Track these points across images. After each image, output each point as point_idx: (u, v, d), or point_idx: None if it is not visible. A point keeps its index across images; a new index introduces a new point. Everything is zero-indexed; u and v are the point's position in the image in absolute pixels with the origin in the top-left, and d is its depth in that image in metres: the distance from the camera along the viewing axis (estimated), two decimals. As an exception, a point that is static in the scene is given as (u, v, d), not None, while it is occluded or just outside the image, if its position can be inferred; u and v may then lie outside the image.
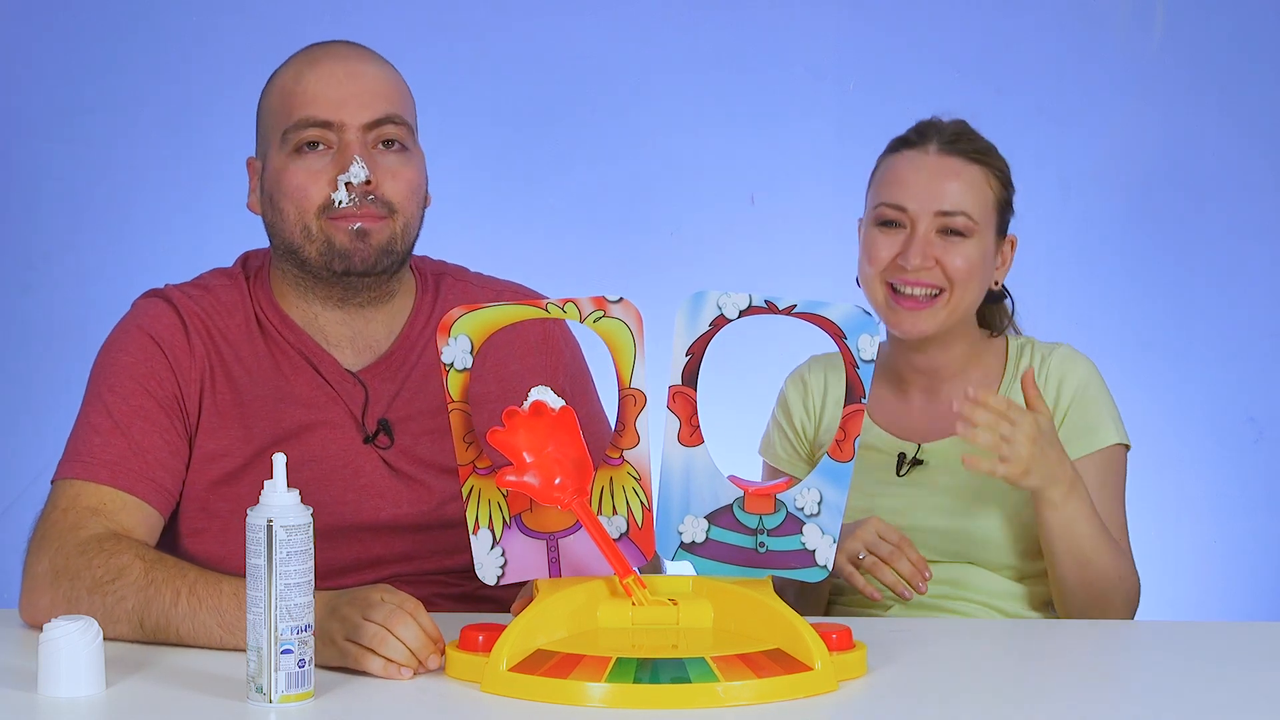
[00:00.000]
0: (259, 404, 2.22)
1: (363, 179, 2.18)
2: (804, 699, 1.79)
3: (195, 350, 2.22)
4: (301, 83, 2.21)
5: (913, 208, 2.38)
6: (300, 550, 1.76)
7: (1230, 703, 1.83)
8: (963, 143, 2.41)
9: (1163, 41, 3.67)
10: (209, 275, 2.31)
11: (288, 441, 2.19)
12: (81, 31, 3.61)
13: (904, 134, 2.45)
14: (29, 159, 3.64)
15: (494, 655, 1.81)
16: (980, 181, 2.40)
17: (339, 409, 2.23)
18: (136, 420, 2.16)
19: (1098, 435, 2.36)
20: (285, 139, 2.20)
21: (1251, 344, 3.69)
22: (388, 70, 2.26)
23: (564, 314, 1.91)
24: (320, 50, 2.26)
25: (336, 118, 2.19)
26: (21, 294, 3.64)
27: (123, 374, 2.19)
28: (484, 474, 1.93)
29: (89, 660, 1.79)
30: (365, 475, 2.21)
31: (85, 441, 2.15)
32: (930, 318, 2.37)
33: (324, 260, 2.21)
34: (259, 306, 2.27)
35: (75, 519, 2.09)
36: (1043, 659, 2.05)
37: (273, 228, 2.24)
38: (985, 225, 2.40)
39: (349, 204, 2.18)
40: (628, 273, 3.51)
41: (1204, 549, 3.61)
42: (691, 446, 1.95)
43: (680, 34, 3.67)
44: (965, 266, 2.37)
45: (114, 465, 2.13)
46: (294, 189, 2.20)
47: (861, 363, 1.93)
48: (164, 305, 2.24)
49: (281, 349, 2.25)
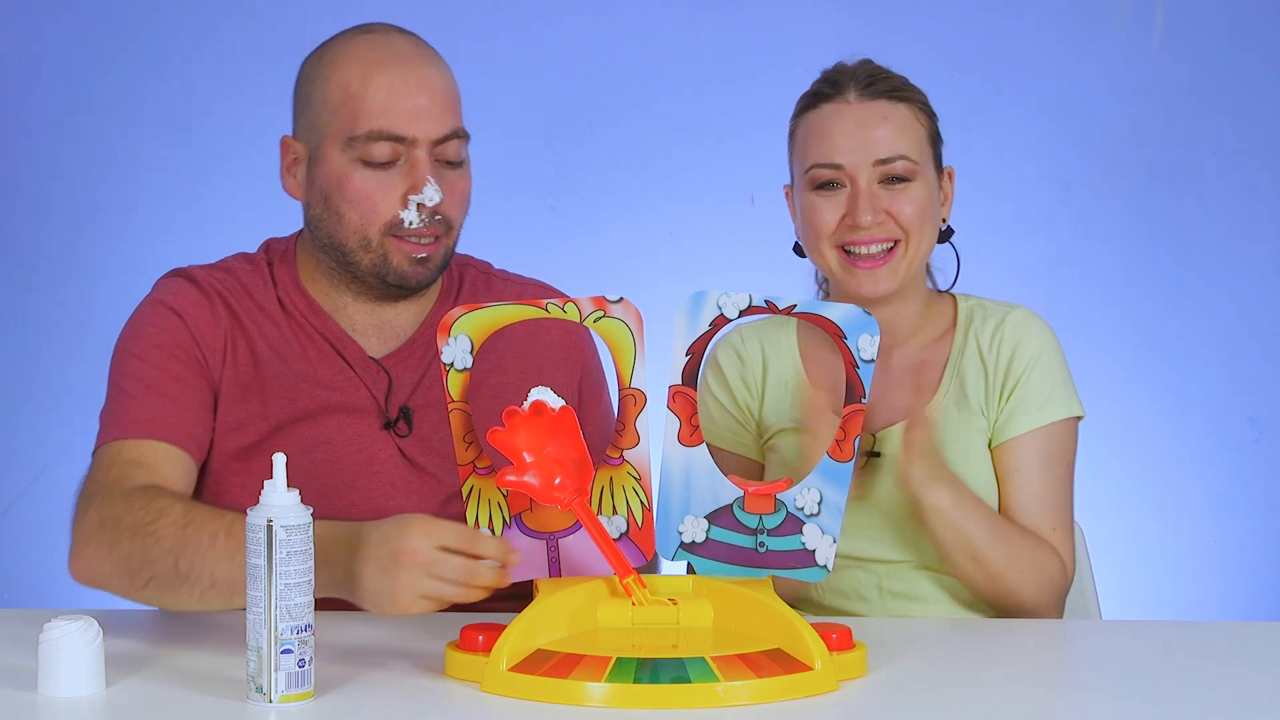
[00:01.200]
0: (279, 381, 2.22)
1: (437, 202, 2.16)
2: (804, 699, 1.79)
3: (219, 321, 2.22)
4: (370, 88, 2.17)
5: (848, 163, 2.26)
6: (300, 550, 1.76)
7: (1230, 703, 1.83)
8: (880, 83, 2.29)
9: (1163, 41, 3.67)
10: (231, 259, 2.31)
11: (305, 421, 2.20)
12: (82, 31, 3.61)
13: (814, 87, 2.33)
14: (30, 159, 3.64)
15: (494, 655, 1.81)
16: (910, 119, 2.29)
17: (361, 394, 2.24)
18: (168, 381, 2.18)
19: (1046, 411, 2.27)
20: (351, 144, 2.17)
21: (1251, 344, 3.69)
22: (447, 73, 2.22)
23: (564, 314, 1.91)
24: (383, 48, 2.20)
25: (409, 133, 2.15)
26: (22, 294, 3.64)
27: (147, 343, 2.21)
28: (484, 474, 1.93)
29: (89, 660, 1.79)
30: (379, 463, 2.22)
31: (120, 406, 2.17)
32: (890, 273, 2.26)
33: (376, 272, 2.20)
34: (282, 290, 2.27)
35: (119, 473, 2.10)
36: (1043, 658, 2.05)
37: (320, 222, 2.22)
38: (924, 164, 2.28)
39: (418, 224, 2.17)
40: (628, 273, 3.51)
41: (1204, 549, 3.61)
42: (692, 446, 1.95)
43: (680, 34, 3.67)
44: (916, 213, 2.26)
45: (151, 420, 2.15)
46: (361, 198, 2.17)
47: (861, 363, 1.93)
48: (185, 282, 2.25)
49: (305, 331, 2.25)
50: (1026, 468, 2.27)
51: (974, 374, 2.30)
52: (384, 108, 2.16)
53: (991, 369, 2.29)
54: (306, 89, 2.22)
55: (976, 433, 2.28)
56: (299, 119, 2.24)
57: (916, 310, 2.33)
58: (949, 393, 2.29)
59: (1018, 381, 2.28)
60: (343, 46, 2.22)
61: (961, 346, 2.32)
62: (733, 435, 2.37)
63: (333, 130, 2.18)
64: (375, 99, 2.16)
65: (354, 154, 2.17)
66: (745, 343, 2.38)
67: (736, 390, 2.37)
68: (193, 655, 1.96)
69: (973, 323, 2.33)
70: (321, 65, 2.21)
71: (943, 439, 2.25)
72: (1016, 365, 2.29)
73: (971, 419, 2.28)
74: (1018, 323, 2.31)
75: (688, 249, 3.64)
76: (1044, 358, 2.29)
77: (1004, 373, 2.29)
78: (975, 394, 2.29)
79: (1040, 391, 2.27)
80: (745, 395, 2.37)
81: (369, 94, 2.16)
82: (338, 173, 2.18)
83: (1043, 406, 2.27)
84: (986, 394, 2.29)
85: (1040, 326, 2.32)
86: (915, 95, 2.31)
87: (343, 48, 2.21)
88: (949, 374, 2.30)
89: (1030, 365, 2.28)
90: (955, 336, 2.33)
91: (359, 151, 2.17)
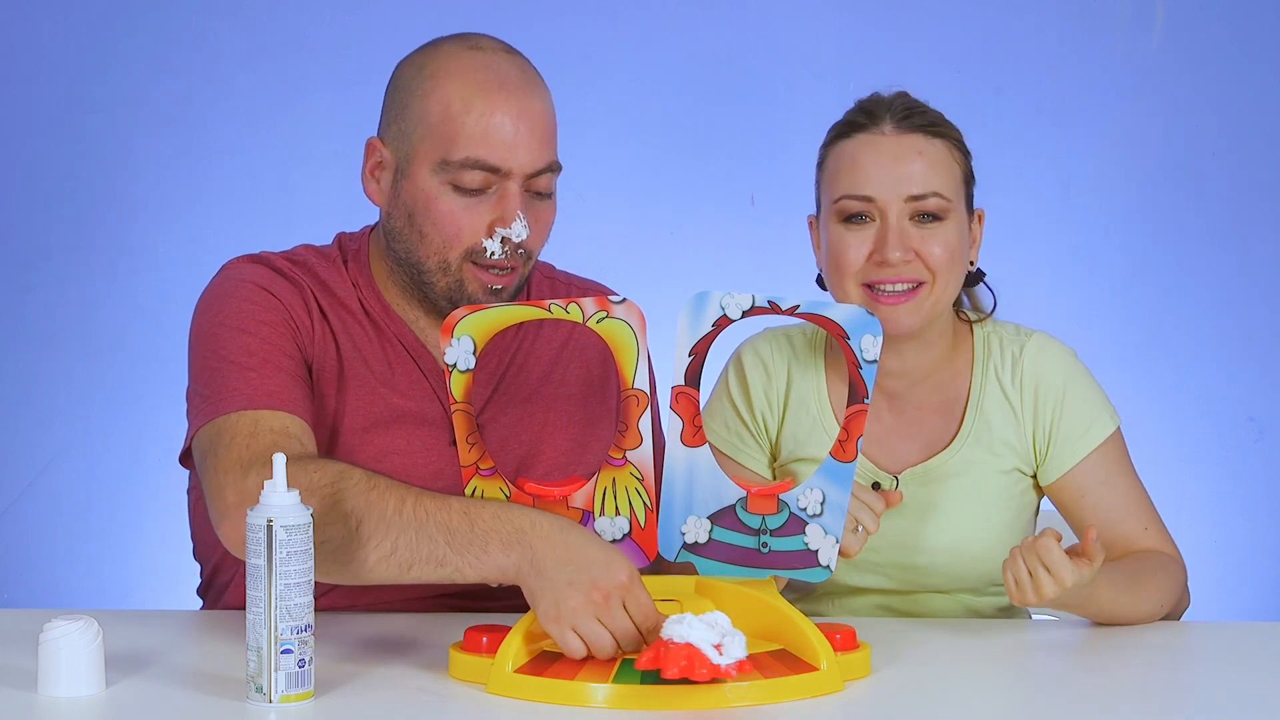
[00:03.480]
0: (359, 381, 2.17)
1: (524, 237, 2.11)
2: (810, 699, 1.79)
3: (310, 308, 2.16)
4: (472, 114, 2.09)
5: (879, 195, 2.18)
6: (300, 550, 1.75)
7: (1230, 703, 1.82)
8: (916, 116, 2.22)
9: (1163, 41, 3.67)
10: (301, 250, 2.24)
11: (379, 426, 2.16)
12: (83, 31, 3.61)
13: (848, 116, 2.25)
14: (30, 159, 3.64)
15: (499, 656, 1.81)
16: (945, 155, 2.22)
17: (435, 407, 2.20)
18: (282, 357, 2.10)
19: (1092, 433, 2.26)
20: (444, 167, 2.10)
21: (1251, 344, 3.69)
22: (548, 100, 2.15)
23: (567, 314, 1.91)
24: (488, 70, 2.13)
25: (505, 165, 2.09)
26: (22, 294, 3.64)
27: (250, 319, 2.11)
28: (487, 475, 1.93)
29: (89, 660, 1.79)
30: (446, 477, 2.15)
31: (239, 377, 2.06)
32: (914, 311, 2.19)
33: (449, 296, 2.14)
34: (361, 292, 2.21)
35: (270, 441, 1.99)
36: (1047, 659, 2.05)
37: (399, 235, 2.15)
38: (957, 203, 2.22)
39: (500, 255, 2.11)
40: (627, 273, 3.51)
41: (1204, 549, 3.61)
42: (694, 447, 1.95)
43: (680, 34, 3.67)
44: (946, 254, 2.19)
45: (275, 393, 2.05)
46: (446, 222, 2.11)
47: (864, 363, 1.93)
48: (267, 269, 2.18)
49: (385, 336, 2.20)
50: (1095, 490, 2.26)
51: (999, 413, 2.27)
52: (483, 137, 2.09)
53: (1018, 407, 2.27)
54: (403, 97, 2.14)
55: (997, 473, 2.27)
56: (391, 125, 2.15)
57: (939, 353, 2.28)
58: (971, 432, 2.27)
59: (1052, 419, 2.26)
60: (446, 61, 2.14)
61: (982, 383, 2.28)
62: (741, 445, 2.33)
63: (426, 148, 2.11)
64: (476, 126, 2.09)
65: (446, 177, 2.10)
66: (774, 355, 2.33)
67: (757, 402, 2.33)
68: (193, 655, 1.96)
69: (991, 356, 2.29)
70: (423, 78, 2.13)
71: (959, 478, 2.26)
72: (1044, 402, 2.26)
73: (994, 459, 2.27)
74: (1035, 355, 2.28)
75: (688, 249, 3.64)
76: (1070, 387, 2.27)
77: (1032, 411, 2.27)
78: (1001, 431, 2.27)
79: (1080, 421, 2.26)
80: (764, 408, 2.33)
81: (469, 120, 2.09)
82: (426, 192, 2.12)
83: (1087, 431, 2.26)
84: (1017, 432, 2.27)
85: (1056, 354, 2.29)
86: (951, 132, 2.25)
87: (446, 62, 2.13)
88: (970, 414, 2.28)
89: (1060, 399, 2.26)
90: (974, 372, 2.29)
91: (451, 176, 2.10)
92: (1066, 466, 2.26)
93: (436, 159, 2.10)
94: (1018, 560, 2.00)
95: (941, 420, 2.29)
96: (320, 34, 3.63)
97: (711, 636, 1.73)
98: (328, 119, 3.60)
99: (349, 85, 3.56)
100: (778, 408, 2.32)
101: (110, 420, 3.64)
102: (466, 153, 2.09)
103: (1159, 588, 2.18)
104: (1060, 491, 2.27)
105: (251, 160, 3.63)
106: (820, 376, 2.32)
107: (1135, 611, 2.15)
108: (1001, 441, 2.27)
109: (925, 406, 2.29)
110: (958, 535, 2.25)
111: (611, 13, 3.66)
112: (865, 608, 2.29)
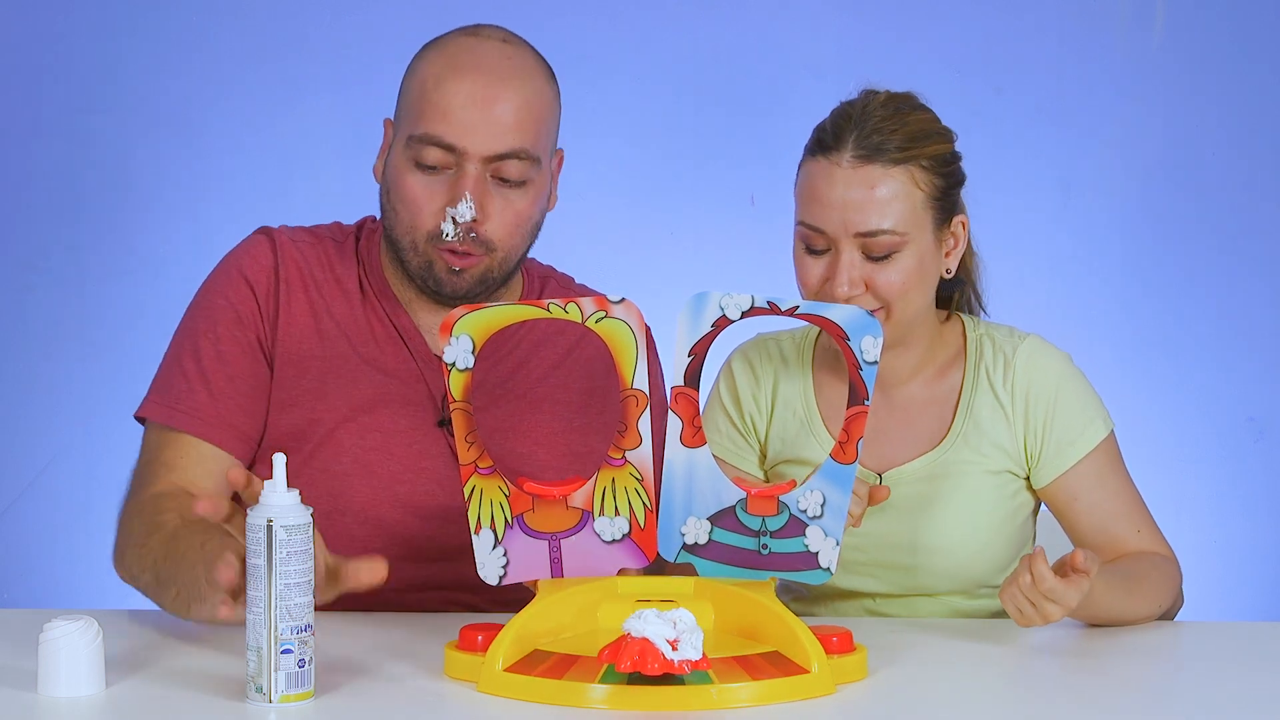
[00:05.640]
0: (343, 361, 2.21)
1: (468, 219, 2.13)
2: (800, 702, 1.78)
3: (293, 291, 2.21)
4: (440, 90, 2.13)
5: (831, 230, 2.17)
6: (300, 550, 1.75)
7: (1230, 703, 1.82)
8: (881, 137, 2.17)
9: (1163, 41, 3.67)
10: (325, 226, 2.30)
11: (362, 406, 2.19)
12: (83, 32, 3.61)
13: (821, 128, 2.22)
14: (30, 159, 3.64)
15: (490, 655, 1.81)
16: (904, 186, 2.17)
17: (421, 388, 2.22)
18: (221, 365, 2.18)
19: (1085, 438, 2.27)
20: (410, 143, 2.14)
21: (1251, 344, 3.69)
22: (531, 88, 2.17)
23: (565, 314, 1.91)
24: (469, 52, 2.16)
25: (460, 144, 2.12)
26: (22, 294, 3.64)
27: (213, 320, 2.20)
28: (485, 474, 1.93)
29: (89, 660, 1.79)
30: (430, 458, 2.20)
31: (171, 384, 2.19)
32: None
33: (421, 275, 2.19)
34: (364, 269, 2.25)
35: (152, 473, 2.16)
36: (1043, 660, 2.05)
37: (384, 213, 2.21)
38: (918, 229, 2.18)
39: (453, 238, 2.14)
40: (628, 273, 3.51)
41: (1204, 549, 3.61)
42: (694, 447, 1.95)
43: (680, 34, 3.67)
44: (901, 282, 2.18)
45: (194, 412, 2.16)
46: (410, 199, 2.15)
47: (865, 364, 1.93)
48: (266, 245, 2.24)
49: (378, 316, 2.23)
50: (1088, 493, 2.27)
51: (989, 415, 2.27)
52: (444, 114, 2.12)
53: (1009, 410, 2.27)
54: (408, 72, 2.20)
55: (987, 474, 2.27)
56: (398, 103, 2.21)
57: (920, 352, 2.29)
58: (960, 433, 2.28)
59: (1044, 424, 2.26)
60: (443, 43, 2.19)
61: (973, 384, 2.29)
62: (736, 449, 2.34)
63: (404, 123, 2.16)
64: (440, 102, 2.12)
65: (411, 153, 2.14)
66: (761, 359, 2.35)
67: (746, 405, 2.34)
68: (193, 655, 1.95)
69: (983, 358, 2.29)
70: (416, 58, 2.19)
71: (947, 478, 2.26)
72: (1036, 407, 2.26)
73: (983, 460, 2.27)
74: (1027, 358, 2.28)
75: (688, 250, 3.64)
76: (1063, 391, 2.27)
77: (1023, 415, 2.27)
78: (992, 434, 2.27)
79: (1073, 425, 2.26)
80: (753, 410, 2.34)
81: (435, 96, 2.13)
82: (395, 168, 2.17)
83: (1081, 435, 2.26)
84: (1009, 435, 2.27)
85: (1048, 358, 2.29)
86: (925, 149, 2.19)
87: (439, 43, 2.19)
88: (961, 415, 2.28)
89: (1053, 404, 2.26)
90: (965, 372, 2.30)
91: (415, 152, 2.14)
92: (1059, 471, 2.27)
93: (406, 134, 2.15)
94: (1017, 595, 2.01)
95: (931, 421, 2.29)
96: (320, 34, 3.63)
97: (668, 632, 1.73)
98: (328, 119, 3.60)
99: (349, 85, 3.57)
100: (765, 409, 2.33)
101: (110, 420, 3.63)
102: (426, 128, 2.13)
103: (1154, 588, 2.20)
104: (1053, 495, 2.29)
105: (251, 160, 3.63)
106: (808, 379, 2.32)
107: (1131, 612, 2.16)
108: (991, 444, 2.27)
109: (913, 407, 2.30)
110: (947, 535, 2.26)
111: (611, 13, 3.66)
112: (856, 611, 2.29)
